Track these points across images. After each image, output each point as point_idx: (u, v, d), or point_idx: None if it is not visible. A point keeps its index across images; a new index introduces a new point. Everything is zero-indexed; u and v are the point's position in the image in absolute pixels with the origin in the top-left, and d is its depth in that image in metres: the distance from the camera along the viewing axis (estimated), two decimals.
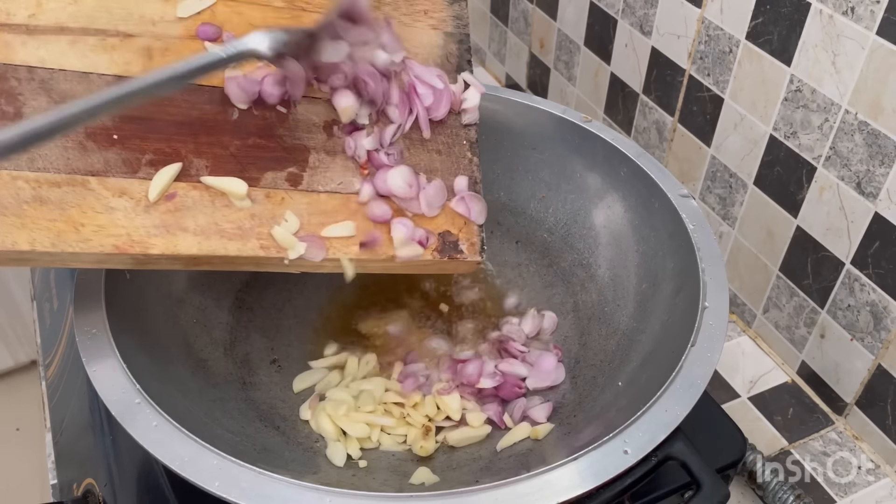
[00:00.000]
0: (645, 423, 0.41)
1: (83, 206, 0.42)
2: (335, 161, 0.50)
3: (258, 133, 0.48)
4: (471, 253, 0.52)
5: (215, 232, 0.45)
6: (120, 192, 0.43)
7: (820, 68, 0.57)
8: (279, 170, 0.48)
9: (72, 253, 0.41)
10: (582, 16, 0.84)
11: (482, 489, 0.38)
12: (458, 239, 0.51)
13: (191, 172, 0.45)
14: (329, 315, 0.63)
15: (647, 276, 0.58)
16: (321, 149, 0.49)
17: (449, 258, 0.51)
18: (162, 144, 0.45)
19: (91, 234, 0.42)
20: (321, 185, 0.49)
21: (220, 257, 0.45)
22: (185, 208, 0.45)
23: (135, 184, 0.44)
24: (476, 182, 0.53)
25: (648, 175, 0.58)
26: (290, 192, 0.48)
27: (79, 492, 0.55)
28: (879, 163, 0.55)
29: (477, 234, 0.52)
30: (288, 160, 0.48)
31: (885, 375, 0.60)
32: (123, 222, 0.43)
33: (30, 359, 1.46)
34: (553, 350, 0.59)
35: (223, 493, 0.38)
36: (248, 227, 0.46)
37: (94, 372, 0.43)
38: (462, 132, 0.53)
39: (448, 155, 0.53)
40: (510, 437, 0.53)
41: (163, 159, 0.45)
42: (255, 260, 0.46)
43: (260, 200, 0.47)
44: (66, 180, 0.42)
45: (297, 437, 0.53)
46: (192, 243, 0.44)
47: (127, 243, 0.42)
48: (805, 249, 0.64)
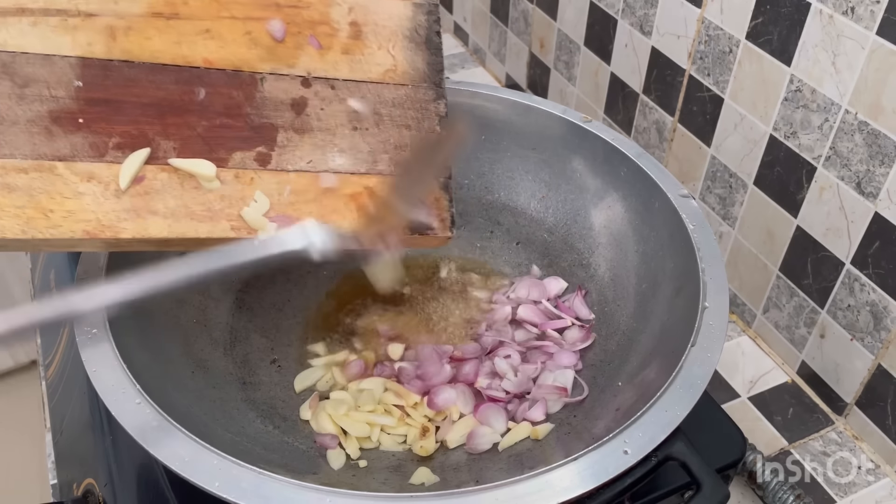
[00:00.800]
0: (645, 423, 0.41)
1: (51, 192, 0.42)
2: (304, 139, 0.49)
3: (225, 113, 0.47)
4: (442, 229, 0.51)
5: (185, 214, 0.45)
6: (88, 176, 0.43)
7: (820, 68, 0.57)
8: (248, 150, 0.48)
9: (43, 239, 0.41)
10: (582, 16, 0.84)
11: (482, 489, 0.38)
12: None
13: (158, 155, 0.45)
14: (329, 314, 0.63)
15: (647, 276, 0.58)
16: (289, 127, 0.49)
17: (420, 235, 0.51)
18: (128, 127, 0.45)
19: (61, 220, 0.42)
20: (290, 165, 0.48)
21: (191, 240, 0.45)
22: (155, 191, 0.44)
23: (102, 168, 0.44)
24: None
25: (648, 175, 0.58)
26: (259, 172, 0.47)
27: (79, 492, 0.55)
28: (879, 163, 0.55)
29: (447, 210, 0.52)
30: (256, 139, 0.48)
31: (885, 375, 0.60)
32: (93, 207, 0.43)
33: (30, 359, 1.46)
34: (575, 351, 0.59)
35: (223, 493, 0.38)
36: (218, 209, 0.46)
37: (94, 372, 0.43)
38: (432, 106, 0.53)
39: (418, 130, 0.52)
40: (510, 437, 0.53)
41: (130, 142, 0.45)
42: (227, 241, 0.46)
43: (229, 181, 0.46)
44: (34, 166, 0.42)
45: (297, 437, 0.53)
46: (162, 227, 0.44)
47: (97, 228, 0.43)
48: (805, 249, 0.64)
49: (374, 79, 0.51)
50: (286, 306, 0.63)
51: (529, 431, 0.53)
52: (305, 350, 0.60)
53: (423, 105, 0.52)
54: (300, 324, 0.62)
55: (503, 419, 0.54)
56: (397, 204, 0.49)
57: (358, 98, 0.51)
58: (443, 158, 0.51)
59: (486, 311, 0.63)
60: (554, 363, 0.57)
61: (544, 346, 0.59)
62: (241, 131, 0.48)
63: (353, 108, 0.50)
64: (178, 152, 0.46)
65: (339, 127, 0.50)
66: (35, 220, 0.41)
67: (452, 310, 0.63)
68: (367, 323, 0.62)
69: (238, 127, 0.48)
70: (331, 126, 0.50)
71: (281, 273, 0.64)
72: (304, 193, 0.48)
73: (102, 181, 0.43)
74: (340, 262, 0.66)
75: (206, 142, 0.47)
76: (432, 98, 0.53)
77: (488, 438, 0.53)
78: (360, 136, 0.50)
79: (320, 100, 0.50)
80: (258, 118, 0.48)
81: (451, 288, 0.65)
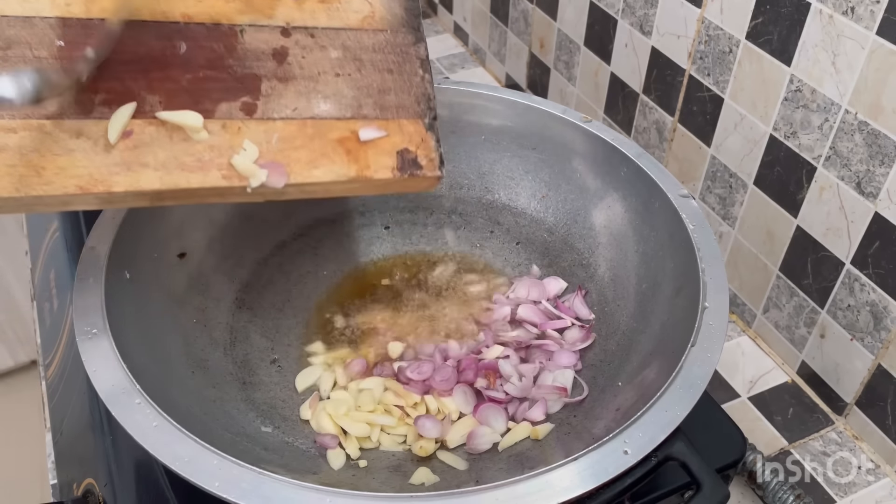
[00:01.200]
0: (645, 423, 0.41)
1: (41, 149, 0.42)
2: (288, 88, 0.49)
3: (208, 65, 0.48)
4: (430, 168, 0.51)
5: (176, 166, 0.45)
6: (77, 133, 0.44)
7: (820, 68, 0.57)
8: (233, 100, 0.48)
9: (36, 196, 0.42)
10: (582, 16, 0.84)
11: (482, 489, 0.38)
12: (417, 156, 0.51)
13: (145, 109, 0.45)
14: (329, 314, 0.63)
15: (647, 276, 0.58)
16: (272, 76, 0.49)
17: (410, 176, 0.51)
18: (113, 83, 0.45)
19: (53, 177, 0.42)
20: (276, 113, 0.49)
21: (183, 190, 0.45)
22: (144, 145, 0.45)
23: (90, 124, 0.44)
24: (430, 99, 0.53)
25: (648, 175, 0.58)
26: (245, 122, 0.48)
27: (79, 492, 0.55)
28: (879, 163, 0.55)
29: (435, 150, 0.52)
30: (240, 90, 0.48)
31: (885, 375, 0.60)
32: (84, 163, 0.43)
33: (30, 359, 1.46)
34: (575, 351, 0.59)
35: (223, 493, 0.38)
36: (208, 159, 0.46)
37: (94, 372, 0.44)
38: (412, 49, 0.53)
39: (400, 73, 0.52)
40: (510, 437, 0.53)
41: (116, 98, 0.45)
42: (219, 190, 0.46)
43: (217, 132, 0.47)
44: (22, 125, 0.42)
45: (297, 437, 0.53)
46: (153, 178, 0.44)
47: (90, 183, 0.43)
48: (805, 249, 0.64)
49: (352, 26, 0.52)
50: (286, 306, 0.63)
51: (529, 431, 0.53)
52: (305, 350, 0.60)
53: (403, 49, 0.53)
54: (300, 324, 0.62)
55: (503, 419, 0.54)
56: None
57: (338, 45, 0.51)
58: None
59: (486, 311, 0.63)
60: (554, 363, 0.57)
61: (544, 346, 0.59)
62: (225, 82, 0.48)
63: (334, 55, 0.51)
64: (164, 106, 0.46)
65: (321, 74, 0.51)
66: (27, 177, 0.42)
67: (452, 309, 0.63)
68: (366, 323, 0.62)
69: (222, 78, 0.48)
70: (313, 74, 0.50)
71: (281, 273, 0.64)
72: (291, 140, 0.49)
73: (91, 137, 0.44)
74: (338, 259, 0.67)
75: (191, 94, 0.47)
76: (412, 42, 0.53)
77: (488, 438, 0.53)
78: (343, 82, 0.51)
79: (301, 48, 0.50)
80: (241, 69, 0.49)
81: (450, 288, 0.65)
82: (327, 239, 0.67)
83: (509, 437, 0.53)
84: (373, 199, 0.69)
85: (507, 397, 0.55)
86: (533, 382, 0.56)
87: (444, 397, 0.55)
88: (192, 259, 0.59)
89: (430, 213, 0.69)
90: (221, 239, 0.62)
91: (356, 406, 0.55)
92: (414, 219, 0.69)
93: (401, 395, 0.55)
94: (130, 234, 0.53)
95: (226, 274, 0.61)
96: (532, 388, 0.56)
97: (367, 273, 0.67)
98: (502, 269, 0.67)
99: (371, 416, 0.54)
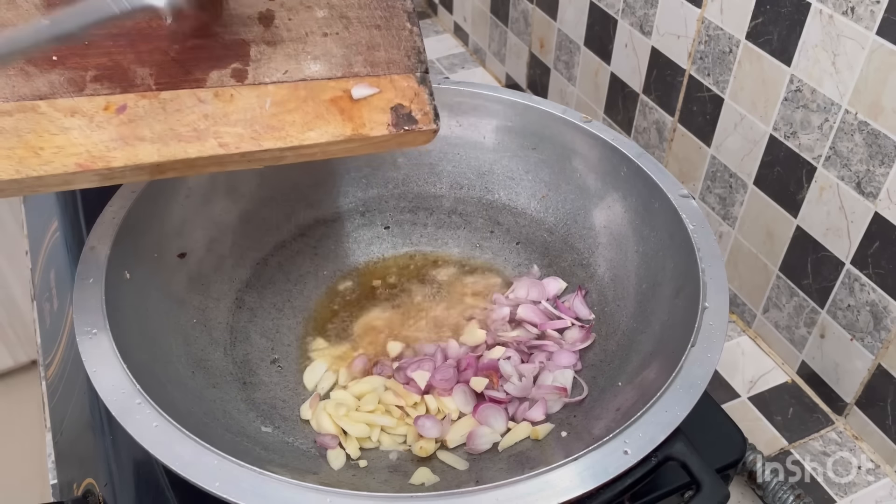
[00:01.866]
0: (645, 423, 0.41)
1: (38, 130, 0.43)
2: (276, 51, 0.50)
3: (195, 34, 0.48)
4: (425, 122, 0.51)
5: (172, 137, 0.45)
6: (71, 111, 0.44)
7: (820, 68, 0.57)
8: (223, 67, 0.48)
9: (37, 177, 0.42)
10: (582, 16, 0.84)
11: (482, 489, 0.38)
12: (411, 110, 0.51)
13: (136, 82, 0.46)
14: (329, 314, 0.63)
15: (647, 277, 0.58)
16: (260, 41, 0.49)
17: (405, 131, 0.51)
18: (103, 59, 0.45)
19: (52, 157, 0.42)
20: (267, 77, 0.49)
21: (182, 161, 0.45)
22: (139, 118, 0.45)
23: (84, 101, 0.44)
24: (420, 52, 0.52)
25: (648, 175, 0.58)
26: (237, 88, 0.48)
27: (79, 492, 0.55)
28: (879, 163, 0.55)
29: (429, 103, 0.52)
30: (230, 56, 0.48)
31: (885, 375, 0.60)
32: (81, 140, 0.43)
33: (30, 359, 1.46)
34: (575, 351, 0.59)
35: (223, 493, 0.38)
36: (204, 128, 0.46)
37: (94, 372, 0.44)
38: (398, 3, 0.53)
39: (387, 29, 0.52)
40: (510, 437, 0.53)
41: (106, 73, 0.45)
42: (217, 159, 0.46)
43: (209, 101, 0.47)
44: (16, 108, 0.43)
45: (297, 437, 0.53)
46: (151, 151, 0.45)
47: (88, 160, 0.43)
48: (805, 249, 0.64)
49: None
50: (286, 306, 0.63)
51: (529, 431, 0.53)
52: (306, 350, 0.60)
53: (389, 3, 0.53)
54: (300, 324, 0.62)
55: (503, 419, 0.54)
56: None
57: (324, 5, 0.51)
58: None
59: (486, 311, 0.63)
60: (553, 363, 0.57)
61: (544, 346, 0.59)
62: (214, 50, 0.48)
63: (321, 14, 0.51)
64: (155, 77, 0.46)
65: (309, 35, 0.51)
66: (27, 159, 0.42)
67: (452, 309, 0.63)
68: (366, 322, 0.62)
69: (210, 46, 0.48)
70: (301, 35, 0.50)
71: (281, 273, 0.64)
72: (284, 104, 0.49)
73: (86, 114, 0.44)
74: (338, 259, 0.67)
75: (181, 64, 0.47)
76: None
77: (488, 438, 0.53)
78: (331, 42, 0.51)
79: (287, 10, 0.51)
80: (228, 35, 0.49)
81: (450, 287, 0.65)
82: (327, 239, 0.67)
83: (509, 437, 0.53)
84: (373, 199, 0.69)
85: (507, 397, 0.55)
86: (533, 382, 0.56)
87: (444, 397, 0.55)
88: (192, 259, 0.59)
89: (430, 213, 0.69)
90: (221, 239, 0.62)
91: (356, 406, 0.55)
92: (414, 219, 0.70)
93: (401, 394, 0.55)
94: (130, 234, 0.53)
95: (226, 274, 0.61)
96: (532, 388, 0.56)
97: (367, 273, 0.67)
98: (502, 269, 0.67)
99: (371, 416, 0.54)
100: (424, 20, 1.23)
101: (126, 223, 0.53)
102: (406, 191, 0.70)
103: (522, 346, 0.59)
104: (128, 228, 0.53)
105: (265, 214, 0.65)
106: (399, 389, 0.56)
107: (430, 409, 0.55)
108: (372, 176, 0.69)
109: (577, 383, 0.56)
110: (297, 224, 0.67)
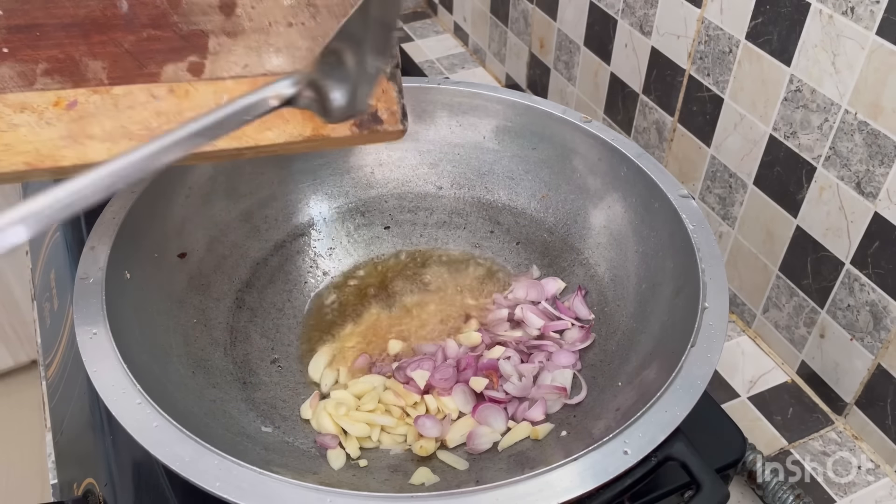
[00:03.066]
0: (645, 423, 0.41)
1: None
2: (237, 43, 0.47)
3: (152, 24, 0.45)
4: (391, 122, 0.49)
5: (123, 135, 0.44)
6: (21, 107, 0.42)
7: (820, 68, 0.57)
8: (179, 61, 0.45)
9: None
10: (582, 16, 0.84)
11: (482, 489, 0.38)
12: (377, 109, 0.49)
13: (88, 77, 0.44)
14: (329, 314, 0.63)
15: (647, 277, 0.58)
16: (220, 32, 0.46)
17: (370, 132, 0.49)
18: (54, 51, 0.43)
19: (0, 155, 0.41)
20: (225, 71, 0.46)
21: None
22: (89, 115, 0.43)
23: (34, 96, 0.43)
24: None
25: (648, 175, 0.58)
26: (193, 84, 0.46)
27: (79, 492, 0.55)
28: (879, 163, 0.55)
29: (397, 101, 0.49)
30: (187, 49, 0.46)
31: (884, 375, 0.60)
32: (30, 138, 0.42)
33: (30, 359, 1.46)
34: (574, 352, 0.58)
35: (223, 493, 0.38)
36: (156, 126, 0.44)
37: (94, 372, 0.44)
38: None
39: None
40: (510, 437, 0.53)
41: (58, 67, 0.43)
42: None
43: (163, 97, 0.45)
44: None
45: (297, 437, 0.53)
46: (101, 150, 0.43)
47: (37, 159, 0.42)
48: (805, 249, 0.64)
49: None
50: (286, 306, 0.63)
51: (529, 431, 0.53)
52: (306, 349, 0.60)
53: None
54: (300, 323, 0.62)
55: (503, 419, 0.54)
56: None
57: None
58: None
59: (485, 311, 0.63)
60: (553, 363, 0.57)
61: (543, 346, 0.59)
62: (171, 42, 0.46)
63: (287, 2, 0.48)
64: (108, 71, 0.44)
65: (273, 25, 0.48)
66: None
67: (452, 309, 0.63)
68: (366, 322, 0.62)
69: (166, 38, 0.46)
70: (264, 25, 0.48)
71: (281, 273, 0.64)
72: None
73: (36, 110, 0.43)
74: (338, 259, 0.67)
75: (135, 57, 0.45)
76: None
77: (488, 438, 0.53)
78: (296, 32, 0.48)
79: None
80: (186, 26, 0.46)
81: (450, 287, 0.65)
82: (327, 239, 0.68)
83: (509, 437, 0.53)
84: (373, 199, 0.69)
85: (507, 397, 0.55)
86: (532, 382, 0.56)
87: (444, 397, 0.55)
88: (192, 259, 0.59)
89: (430, 213, 0.69)
90: (221, 239, 0.62)
91: (356, 405, 0.55)
92: (414, 219, 0.70)
93: (401, 394, 0.55)
94: (130, 234, 0.53)
95: (226, 274, 0.61)
96: (532, 388, 0.56)
97: (367, 273, 0.67)
98: (502, 269, 0.67)
99: (371, 416, 0.54)
100: (424, 20, 1.23)
101: (126, 223, 0.53)
102: (406, 191, 0.70)
103: (522, 346, 0.59)
104: (128, 228, 0.53)
105: (265, 214, 0.65)
106: (399, 389, 0.56)
107: (429, 409, 0.55)
108: (372, 176, 0.69)
109: (577, 383, 0.56)
110: (297, 224, 0.67)
